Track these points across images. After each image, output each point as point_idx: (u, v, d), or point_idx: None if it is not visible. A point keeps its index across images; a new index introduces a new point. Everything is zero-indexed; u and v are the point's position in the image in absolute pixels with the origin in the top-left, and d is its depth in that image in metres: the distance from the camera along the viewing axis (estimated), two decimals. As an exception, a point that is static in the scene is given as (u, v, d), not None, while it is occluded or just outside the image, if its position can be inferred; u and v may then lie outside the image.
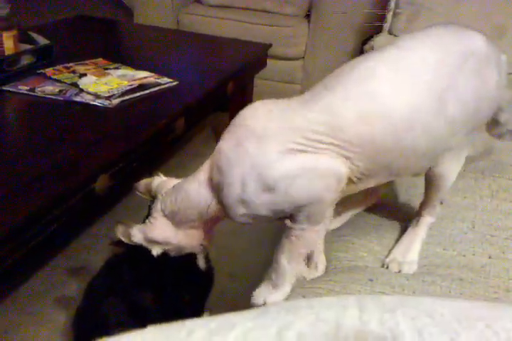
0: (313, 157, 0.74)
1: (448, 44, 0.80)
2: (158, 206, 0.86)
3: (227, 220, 1.27)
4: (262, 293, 0.86)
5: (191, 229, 0.86)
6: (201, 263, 1.20)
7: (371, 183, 0.84)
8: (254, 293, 0.87)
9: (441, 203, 0.97)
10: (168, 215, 0.85)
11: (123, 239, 0.88)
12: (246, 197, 0.76)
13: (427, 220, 0.97)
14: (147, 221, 0.87)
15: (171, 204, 0.84)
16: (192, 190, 0.83)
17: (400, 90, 0.76)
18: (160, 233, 0.85)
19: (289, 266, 0.84)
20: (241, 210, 0.78)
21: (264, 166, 0.75)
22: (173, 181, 0.89)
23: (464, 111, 0.78)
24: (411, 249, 0.93)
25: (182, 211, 0.84)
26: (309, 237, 0.82)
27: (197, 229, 0.86)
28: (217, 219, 0.86)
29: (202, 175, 0.82)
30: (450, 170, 0.89)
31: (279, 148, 0.74)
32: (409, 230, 0.97)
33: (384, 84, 0.76)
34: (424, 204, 0.97)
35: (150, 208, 0.92)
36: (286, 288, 0.85)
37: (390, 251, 0.95)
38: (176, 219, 0.84)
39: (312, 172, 0.75)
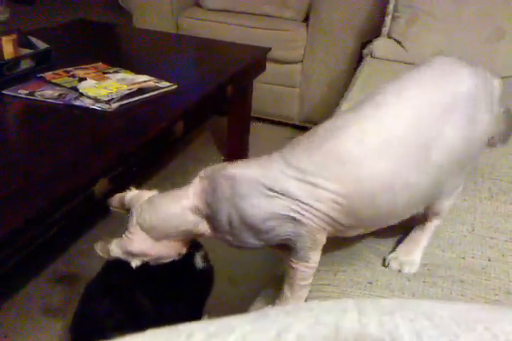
0: (289, 207, 0.75)
1: (432, 93, 0.77)
2: (134, 220, 0.84)
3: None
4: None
5: (171, 241, 0.85)
6: (199, 262, 1.20)
7: (356, 232, 0.85)
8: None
9: None
10: (147, 230, 0.83)
11: (102, 254, 0.88)
12: (234, 232, 0.79)
13: (433, 223, 0.96)
14: (124, 236, 0.85)
15: (150, 220, 0.83)
16: (174, 214, 0.82)
17: (377, 154, 0.74)
18: (138, 246, 0.84)
19: (292, 297, 0.85)
20: (230, 238, 0.81)
21: (241, 210, 0.76)
22: (146, 194, 0.88)
23: (452, 157, 0.77)
24: (414, 250, 0.93)
25: (163, 229, 0.83)
26: (304, 271, 0.82)
27: (178, 241, 0.86)
28: (204, 235, 0.85)
29: (185, 201, 0.81)
30: (444, 206, 0.89)
31: (254, 193, 0.75)
32: (414, 231, 0.97)
33: (359, 147, 0.74)
34: (428, 212, 0.96)
35: None
36: None
37: (393, 250, 0.95)
38: (155, 234, 0.83)
39: (289, 222, 0.76)
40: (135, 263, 0.85)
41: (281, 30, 2.47)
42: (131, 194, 0.90)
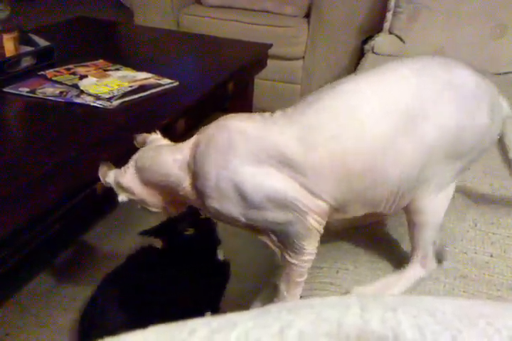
0: (284, 185, 0.73)
1: (434, 71, 0.76)
2: (135, 157, 0.87)
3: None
4: None
5: (155, 190, 0.85)
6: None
7: (347, 213, 0.80)
8: None
9: (440, 261, 0.87)
10: (138, 169, 0.85)
11: (100, 177, 0.89)
12: (220, 195, 0.76)
13: (415, 271, 0.85)
14: (122, 168, 0.88)
15: (143, 161, 0.85)
16: (163, 163, 0.82)
17: (378, 111, 0.73)
18: (127, 182, 0.85)
19: (288, 294, 0.83)
20: (213, 204, 0.77)
21: (236, 173, 0.73)
22: (165, 142, 0.90)
23: (444, 140, 0.74)
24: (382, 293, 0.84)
25: (149, 174, 0.84)
26: (301, 266, 0.80)
27: (160, 193, 0.86)
28: (189, 199, 0.84)
29: (179, 154, 0.81)
30: (431, 205, 0.80)
31: (251, 157, 0.73)
32: (397, 274, 0.87)
33: (362, 102, 0.73)
34: (412, 249, 0.86)
35: None
36: None
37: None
38: (142, 176, 0.85)
39: (282, 202, 0.74)
40: (121, 198, 0.87)
41: (283, 26, 2.47)
42: (154, 136, 0.92)
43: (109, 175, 0.88)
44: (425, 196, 0.79)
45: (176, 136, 1.47)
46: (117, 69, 1.61)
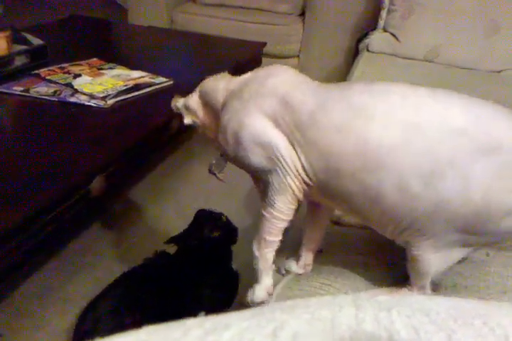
0: (282, 144, 0.76)
1: (488, 126, 0.66)
2: (201, 83, 0.96)
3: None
4: (249, 293, 0.86)
5: (212, 115, 0.93)
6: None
7: (335, 203, 0.80)
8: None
9: (435, 290, 0.83)
10: (200, 92, 0.95)
11: (172, 105, 1.00)
12: (224, 132, 0.83)
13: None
14: (191, 93, 0.98)
15: (204, 85, 0.95)
16: (218, 90, 0.90)
17: (393, 128, 0.67)
18: (192, 104, 0.96)
19: (259, 254, 0.85)
20: (220, 138, 0.84)
21: (245, 120, 0.79)
22: (233, 79, 0.96)
23: (464, 199, 0.65)
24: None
25: (205, 94, 0.94)
26: (268, 220, 0.82)
27: (215, 118, 0.92)
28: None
29: (231, 84, 0.89)
30: (428, 260, 0.73)
31: (269, 115, 0.77)
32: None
33: (386, 108, 0.69)
34: (410, 276, 0.81)
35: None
36: (265, 281, 0.85)
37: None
38: (204, 100, 0.94)
39: (271, 153, 0.77)
40: (187, 120, 0.97)
41: (277, 24, 2.47)
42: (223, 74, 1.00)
43: (179, 101, 0.98)
44: (424, 250, 0.72)
45: (170, 134, 1.47)
46: (111, 68, 1.60)
